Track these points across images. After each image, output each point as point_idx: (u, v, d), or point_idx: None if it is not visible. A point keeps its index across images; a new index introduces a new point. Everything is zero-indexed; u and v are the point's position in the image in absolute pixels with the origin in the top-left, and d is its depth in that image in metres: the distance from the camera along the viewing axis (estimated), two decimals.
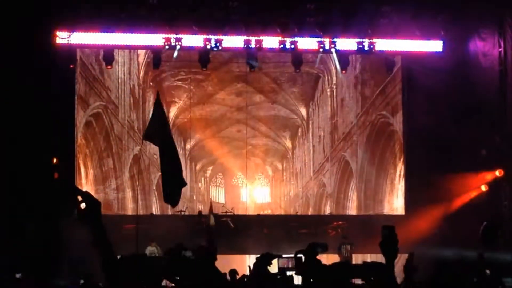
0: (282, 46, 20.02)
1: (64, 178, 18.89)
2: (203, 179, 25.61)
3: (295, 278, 9.45)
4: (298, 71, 21.62)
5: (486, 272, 10.74)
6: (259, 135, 25.21)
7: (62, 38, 19.21)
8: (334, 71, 23.99)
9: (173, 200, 13.11)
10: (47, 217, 17.54)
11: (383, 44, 20.45)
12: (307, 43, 20.20)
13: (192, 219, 21.04)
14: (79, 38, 19.58)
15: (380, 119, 23.33)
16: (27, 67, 17.94)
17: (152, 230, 19.54)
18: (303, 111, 25.11)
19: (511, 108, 19.61)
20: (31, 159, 17.77)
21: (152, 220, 21.15)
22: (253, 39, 19.82)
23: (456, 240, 18.54)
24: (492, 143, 19.75)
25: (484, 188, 19.96)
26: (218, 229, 19.53)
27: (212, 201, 21.54)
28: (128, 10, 19.41)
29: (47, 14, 18.53)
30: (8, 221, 17.01)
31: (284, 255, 14.04)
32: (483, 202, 19.68)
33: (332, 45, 20.19)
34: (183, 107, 24.29)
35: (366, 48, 20.25)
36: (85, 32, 19.50)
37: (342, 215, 23.01)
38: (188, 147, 25.04)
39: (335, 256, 18.78)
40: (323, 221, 21.97)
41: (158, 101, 13.77)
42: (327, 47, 20.18)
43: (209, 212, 19.92)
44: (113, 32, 19.62)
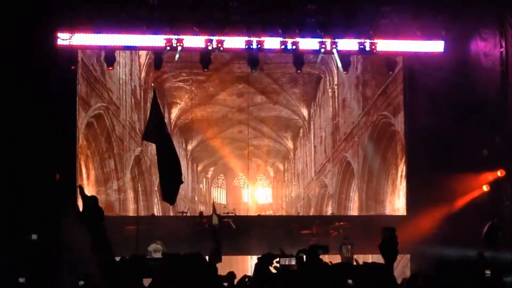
0: (283, 47, 20.01)
1: (66, 179, 18.92)
2: (204, 180, 25.61)
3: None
4: (299, 71, 21.60)
5: (486, 272, 10.73)
6: (260, 136, 25.21)
7: (63, 39, 19.21)
8: (335, 71, 23.99)
9: (171, 199, 13.07)
10: (47, 217, 17.53)
11: (384, 45, 20.42)
12: (308, 43, 20.19)
13: (194, 220, 21.04)
14: (80, 39, 19.58)
15: (382, 120, 23.32)
16: (28, 69, 17.94)
17: (154, 231, 19.55)
18: (305, 112, 25.10)
19: None
20: (32, 160, 17.78)
21: (153, 221, 21.16)
22: (254, 39, 19.83)
23: (457, 240, 18.52)
24: (494, 143, 19.73)
25: (485, 188, 19.93)
26: (220, 230, 19.52)
27: (214, 201, 21.52)
28: (128, 11, 19.41)
29: (47, 15, 18.54)
30: (9, 222, 17.00)
31: (286, 255, 14.09)
32: (485, 203, 19.64)
33: (334, 45, 20.18)
34: (185, 108, 24.29)
35: (368, 48, 20.23)
36: (86, 33, 19.50)
37: (343, 216, 23.00)
38: (189, 148, 25.04)
39: (337, 257, 18.77)
40: (324, 221, 21.94)
41: (154, 98, 13.74)
42: (328, 47, 20.17)
43: (212, 212, 19.91)
44: (114, 33, 19.63)
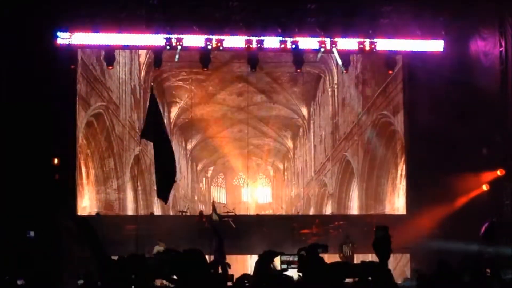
0: (283, 46, 20.01)
1: (66, 179, 18.94)
2: (204, 179, 25.56)
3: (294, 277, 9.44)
4: (299, 71, 21.60)
5: (486, 271, 10.72)
6: (260, 135, 25.16)
7: (63, 38, 19.22)
8: (335, 70, 23.97)
9: (164, 197, 13.06)
10: (47, 217, 17.52)
11: (384, 44, 20.43)
12: (308, 43, 20.19)
13: (194, 220, 21.03)
14: (80, 38, 19.59)
15: (381, 119, 23.31)
16: (28, 68, 17.95)
17: (154, 230, 19.54)
18: (304, 111, 25.07)
19: None
20: (32, 159, 17.78)
21: (153, 220, 21.14)
22: (254, 39, 19.82)
23: (457, 239, 18.52)
24: (493, 143, 19.74)
25: (485, 187, 19.94)
26: (220, 228, 19.51)
27: (214, 200, 21.49)
28: (128, 10, 19.40)
29: (47, 15, 18.54)
30: (8, 221, 17.00)
31: (286, 254, 14.11)
32: (485, 202, 19.66)
33: (333, 45, 20.17)
34: (184, 107, 24.26)
35: (367, 47, 20.23)
36: (86, 32, 19.50)
37: (343, 215, 22.99)
38: (189, 147, 25.01)
39: (337, 256, 18.77)
40: (324, 221, 21.92)
41: (152, 96, 13.74)
42: (328, 47, 20.17)
43: (212, 210, 19.91)
44: (114, 32, 19.62)
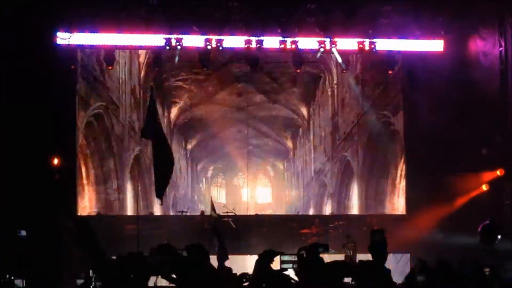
0: (283, 46, 20.01)
1: (66, 179, 18.93)
2: (204, 179, 25.61)
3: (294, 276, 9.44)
4: (298, 71, 21.61)
5: (485, 270, 10.74)
6: (260, 135, 25.21)
7: (63, 38, 19.22)
8: (334, 71, 23.98)
9: (160, 196, 13.10)
10: (46, 217, 17.51)
11: (384, 44, 20.42)
12: (308, 43, 20.19)
13: (194, 219, 21.05)
14: (79, 38, 19.58)
15: (381, 119, 23.32)
16: (28, 68, 17.95)
17: (154, 230, 19.55)
18: (304, 111, 25.09)
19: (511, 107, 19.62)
20: (32, 159, 17.78)
21: (153, 220, 21.16)
22: (253, 39, 19.82)
23: (457, 239, 18.53)
24: (493, 143, 19.74)
25: (485, 187, 19.94)
26: (219, 226, 19.52)
27: (212, 198, 21.50)
28: (128, 10, 19.40)
29: (47, 15, 18.54)
30: (8, 222, 16.99)
31: (286, 253, 14.10)
32: (484, 202, 19.66)
33: (333, 45, 20.17)
34: (184, 108, 24.29)
35: (367, 47, 20.23)
36: (85, 32, 19.50)
37: (343, 215, 22.99)
38: (189, 147, 25.05)
39: (337, 257, 18.76)
40: (324, 221, 21.94)
41: (152, 96, 13.75)
42: (327, 47, 20.17)
43: (210, 209, 19.93)
44: (113, 32, 19.62)
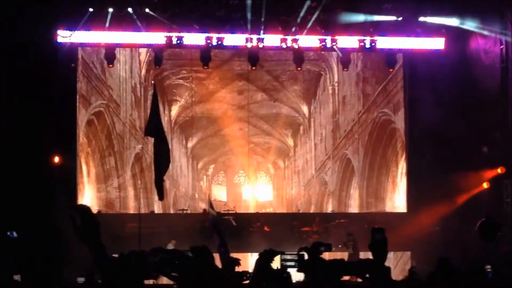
0: (284, 44, 20.00)
1: (66, 176, 18.94)
2: (205, 177, 25.58)
3: (294, 276, 9.45)
4: (299, 69, 21.61)
5: (487, 268, 10.75)
6: (260, 133, 25.18)
7: (64, 37, 19.22)
8: (335, 69, 23.97)
9: (159, 194, 13.13)
10: (47, 215, 17.52)
11: (385, 42, 20.42)
12: (309, 41, 20.18)
13: (194, 218, 21.04)
14: (80, 37, 19.59)
15: (382, 117, 23.32)
16: (28, 67, 17.96)
17: (155, 228, 19.55)
18: (305, 109, 25.07)
19: None
20: (32, 157, 17.79)
21: (154, 218, 21.16)
22: (254, 37, 19.82)
23: (458, 237, 18.53)
24: (494, 140, 19.73)
25: (486, 185, 19.94)
26: (219, 223, 19.49)
27: (209, 195, 21.49)
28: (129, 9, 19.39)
29: (48, 13, 18.54)
30: (8, 219, 17.00)
31: (287, 253, 14.09)
32: (485, 200, 19.66)
33: (334, 43, 20.16)
34: (185, 105, 24.27)
35: (368, 45, 20.23)
36: (86, 30, 19.50)
37: (344, 213, 22.99)
38: (190, 145, 25.02)
39: (337, 255, 18.75)
40: (325, 219, 21.92)
41: (155, 94, 13.76)
42: (328, 45, 20.16)
43: (209, 206, 19.92)
44: (114, 30, 19.62)
